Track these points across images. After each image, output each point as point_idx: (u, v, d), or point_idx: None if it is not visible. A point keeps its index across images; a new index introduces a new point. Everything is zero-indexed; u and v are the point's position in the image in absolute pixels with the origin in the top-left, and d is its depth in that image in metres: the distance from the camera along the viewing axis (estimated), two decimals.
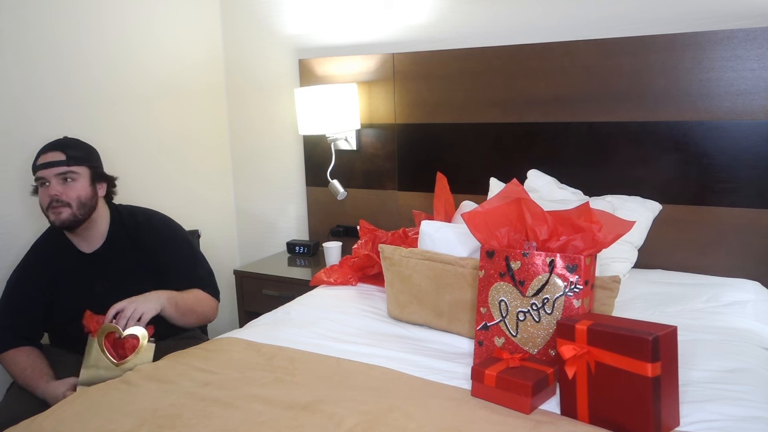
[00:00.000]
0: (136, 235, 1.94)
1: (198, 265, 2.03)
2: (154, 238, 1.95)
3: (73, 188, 1.80)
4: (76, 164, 1.81)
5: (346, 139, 2.71)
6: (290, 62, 2.87)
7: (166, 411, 1.33)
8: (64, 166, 1.79)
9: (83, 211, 1.83)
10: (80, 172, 1.82)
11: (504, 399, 1.32)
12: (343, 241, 2.68)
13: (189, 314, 1.90)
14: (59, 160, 1.78)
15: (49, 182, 1.78)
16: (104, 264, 1.91)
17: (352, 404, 1.32)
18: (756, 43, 1.92)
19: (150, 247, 1.94)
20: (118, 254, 1.92)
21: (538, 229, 1.50)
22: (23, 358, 1.80)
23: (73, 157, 1.81)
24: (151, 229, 1.97)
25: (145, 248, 1.93)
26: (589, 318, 1.31)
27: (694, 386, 1.35)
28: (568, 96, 2.22)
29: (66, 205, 1.79)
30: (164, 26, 2.74)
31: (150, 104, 2.70)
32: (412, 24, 2.55)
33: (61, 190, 1.79)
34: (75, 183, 1.81)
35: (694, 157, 2.06)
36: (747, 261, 2.03)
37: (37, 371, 1.77)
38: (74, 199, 1.80)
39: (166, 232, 2.00)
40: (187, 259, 2.00)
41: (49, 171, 1.78)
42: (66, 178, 1.80)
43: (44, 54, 2.28)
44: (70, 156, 1.80)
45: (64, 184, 1.80)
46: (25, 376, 1.77)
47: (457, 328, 1.72)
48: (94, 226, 1.90)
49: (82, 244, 1.91)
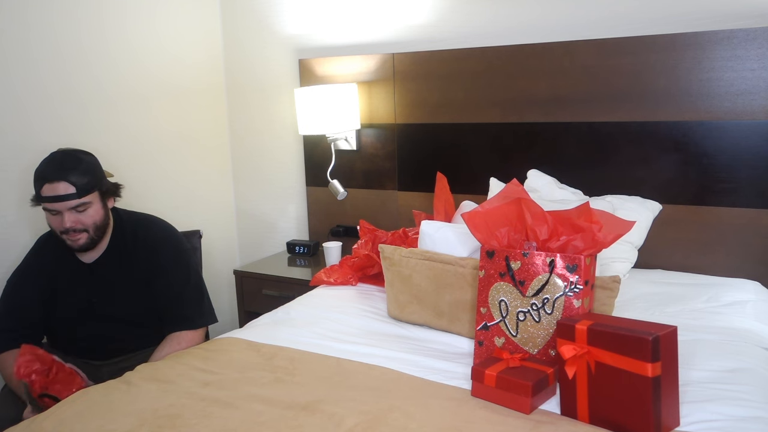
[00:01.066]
0: (135, 249, 1.89)
1: (189, 297, 1.92)
2: (150, 259, 1.89)
3: (87, 216, 1.76)
4: (87, 193, 1.74)
5: (346, 139, 2.71)
6: (290, 62, 2.87)
7: (166, 411, 1.33)
8: (76, 199, 1.71)
9: (100, 232, 1.81)
10: (92, 200, 1.76)
11: (504, 399, 1.32)
12: (343, 241, 2.68)
13: None
14: (70, 193, 1.70)
15: (61, 213, 1.72)
16: (102, 274, 1.88)
17: (352, 404, 1.32)
18: (756, 43, 1.92)
19: (145, 267, 1.88)
20: (116, 265, 1.89)
21: (538, 229, 1.50)
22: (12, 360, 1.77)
23: (83, 188, 1.72)
24: (148, 249, 1.90)
25: (141, 264, 1.88)
26: (589, 318, 1.32)
27: (694, 386, 1.35)
28: (568, 96, 2.22)
29: (83, 231, 1.76)
30: (164, 26, 2.74)
31: (150, 104, 2.70)
32: (412, 24, 2.55)
33: (76, 219, 1.74)
34: (89, 209, 1.76)
35: (694, 157, 2.06)
36: (747, 261, 2.03)
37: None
38: (90, 225, 1.77)
39: (165, 253, 1.92)
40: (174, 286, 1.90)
41: (61, 205, 1.71)
42: (79, 210, 1.74)
43: (44, 54, 2.28)
44: (79, 187, 1.71)
45: (77, 213, 1.74)
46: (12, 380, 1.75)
47: (457, 328, 1.72)
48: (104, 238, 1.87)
49: (83, 255, 1.87)
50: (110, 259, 1.89)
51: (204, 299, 1.96)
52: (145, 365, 1.60)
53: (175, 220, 2.10)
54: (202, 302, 1.95)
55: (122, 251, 1.89)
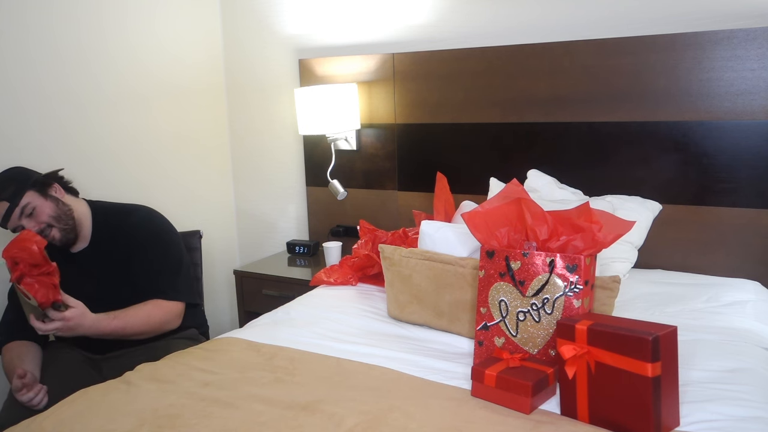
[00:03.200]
0: (118, 233, 1.94)
1: (164, 270, 1.95)
2: (131, 236, 1.94)
3: (39, 214, 1.82)
4: (20, 197, 1.79)
5: (346, 139, 2.71)
6: (290, 62, 2.87)
7: (166, 411, 1.33)
8: (17, 210, 1.79)
9: (64, 220, 1.85)
10: (29, 200, 1.81)
11: (504, 399, 1.32)
12: (343, 241, 2.68)
13: (137, 334, 1.87)
14: (7, 209, 1.78)
15: (21, 226, 1.80)
16: (90, 264, 1.92)
17: (352, 404, 1.32)
18: (756, 43, 1.92)
19: (127, 245, 1.93)
20: (103, 254, 1.93)
21: (538, 229, 1.50)
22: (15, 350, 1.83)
23: (14, 195, 1.79)
24: (129, 226, 1.95)
25: (125, 246, 1.93)
26: (589, 318, 1.32)
27: (694, 386, 1.35)
28: (568, 96, 2.22)
29: (47, 227, 1.82)
30: (164, 26, 2.74)
31: (150, 104, 2.70)
32: (412, 24, 2.55)
33: (33, 223, 1.81)
34: (35, 209, 1.81)
35: (694, 157, 2.06)
36: (747, 261, 2.03)
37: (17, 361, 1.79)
38: (47, 220, 1.82)
39: (145, 230, 1.97)
40: (152, 262, 1.94)
41: (11, 223, 1.80)
42: (27, 214, 1.80)
43: (44, 54, 2.27)
44: (10, 197, 1.78)
45: (28, 218, 1.81)
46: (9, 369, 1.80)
47: (457, 328, 1.72)
48: (80, 227, 1.91)
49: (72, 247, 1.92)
50: (96, 247, 1.93)
51: (180, 275, 1.99)
52: (145, 365, 1.60)
53: (175, 220, 2.11)
54: (177, 277, 1.98)
55: (107, 238, 1.94)
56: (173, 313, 1.94)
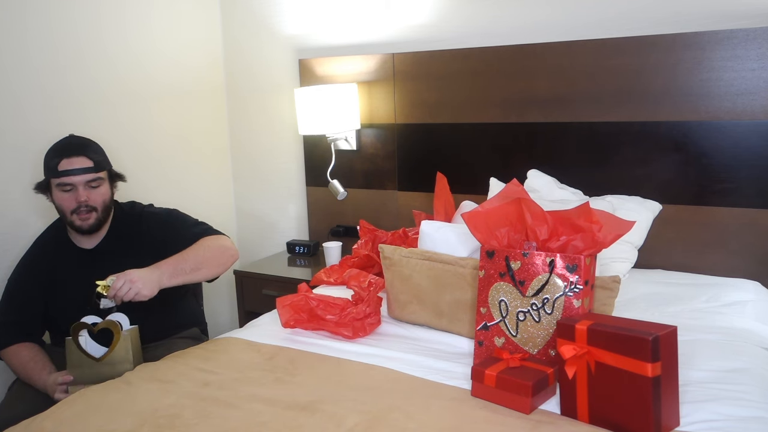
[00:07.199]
0: (140, 222, 1.96)
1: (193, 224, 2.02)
2: (155, 220, 1.97)
3: (98, 193, 1.84)
4: (102, 170, 1.84)
5: (346, 139, 2.71)
6: (290, 62, 2.87)
7: (166, 411, 1.33)
8: (93, 173, 1.81)
9: (106, 214, 1.88)
10: (104, 177, 1.86)
11: (504, 399, 1.32)
12: (343, 241, 2.68)
13: (201, 269, 1.86)
14: (88, 167, 1.80)
15: (76, 188, 1.80)
16: (105, 259, 1.91)
17: (352, 404, 1.32)
18: (756, 43, 1.92)
19: (150, 231, 1.95)
20: (119, 248, 1.92)
21: (538, 229, 1.50)
22: (25, 352, 1.82)
23: (99, 163, 1.83)
24: (151, 214, 2.00)
25: (148, 233, 1.94)
26: (589, 318, 1.32)
27: (694, 386, 1.35)
28: (568, 96, 2.22)
29: (92, 210, 1.83)
30: (164, 26, 2.74)
31: (150, 104, 2.70)
32: (412, 24, 2.55)
33: (89, 196, 1.81)
34: (100, 188, 1.84)
35: (694, 157, 2.06)
36: (747, 261, 2.03)
37: (39, 363, 1.79)
38: (100, 203, 1.85)
39: (162, 212, 2.03)
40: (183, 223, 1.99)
41: (79, 178, 1.79)
42: (92, 185, 1.82)
43: (44, 54, 2.27)
44: (96, 162, 1.82)
45: (90, 189, 1.82)
46: (27, 369, 1.79)
47: (457, 328, 1.72)
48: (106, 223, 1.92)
49: (83, 241, 1.91)
50: (112, 242, 1.93)
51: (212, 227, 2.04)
52: (145, 365, 1.60)
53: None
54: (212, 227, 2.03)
55: (125, 232, 1.94)
56: (227, 244, 1.97)
